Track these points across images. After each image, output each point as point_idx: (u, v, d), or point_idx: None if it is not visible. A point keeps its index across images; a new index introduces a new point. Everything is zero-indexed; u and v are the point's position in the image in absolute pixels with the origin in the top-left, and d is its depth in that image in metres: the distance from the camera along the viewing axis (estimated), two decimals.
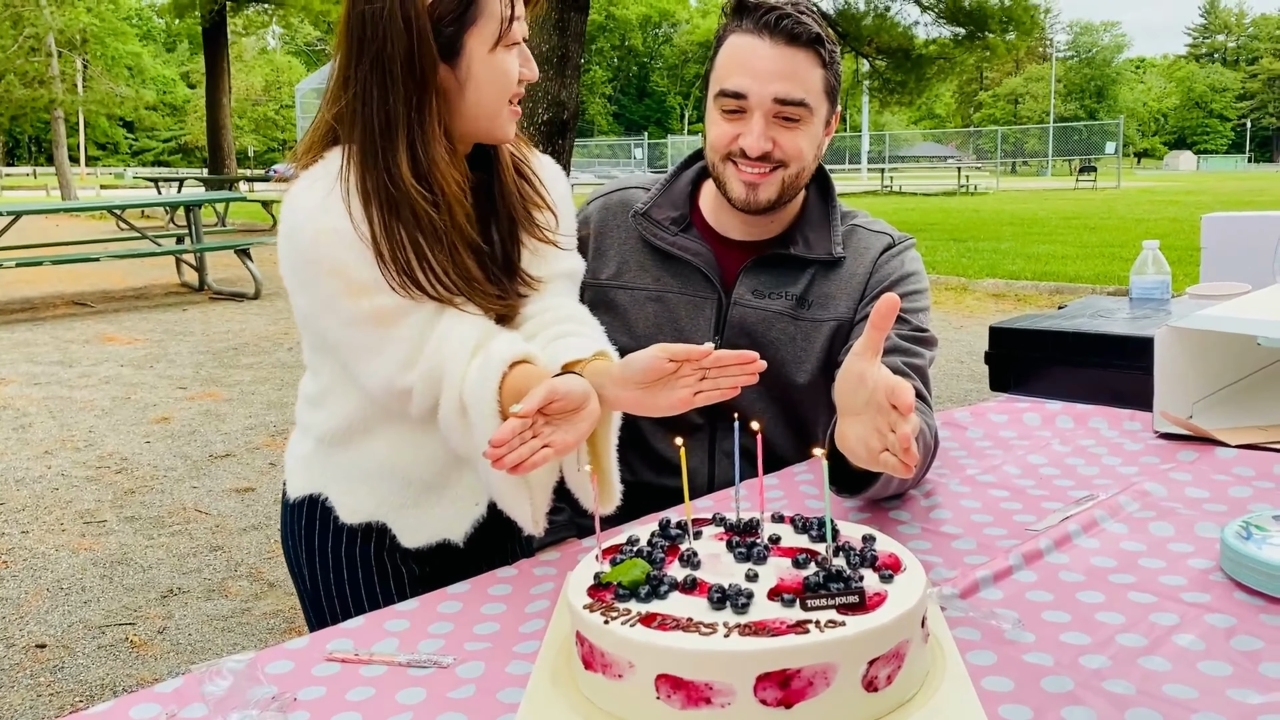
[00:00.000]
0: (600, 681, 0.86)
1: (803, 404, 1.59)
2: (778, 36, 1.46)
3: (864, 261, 1.60)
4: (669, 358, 1.11)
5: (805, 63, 1.48)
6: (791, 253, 1.58)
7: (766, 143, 1.48)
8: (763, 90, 1.47)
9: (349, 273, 1.18)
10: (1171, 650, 0.94)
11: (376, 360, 1.20)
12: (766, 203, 1.53)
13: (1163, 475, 1.41)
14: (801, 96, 1.47)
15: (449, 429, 1.20)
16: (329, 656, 1.02)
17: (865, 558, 0.92)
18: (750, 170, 1.50)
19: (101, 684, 2.67)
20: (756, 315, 1.58)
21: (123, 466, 4.51)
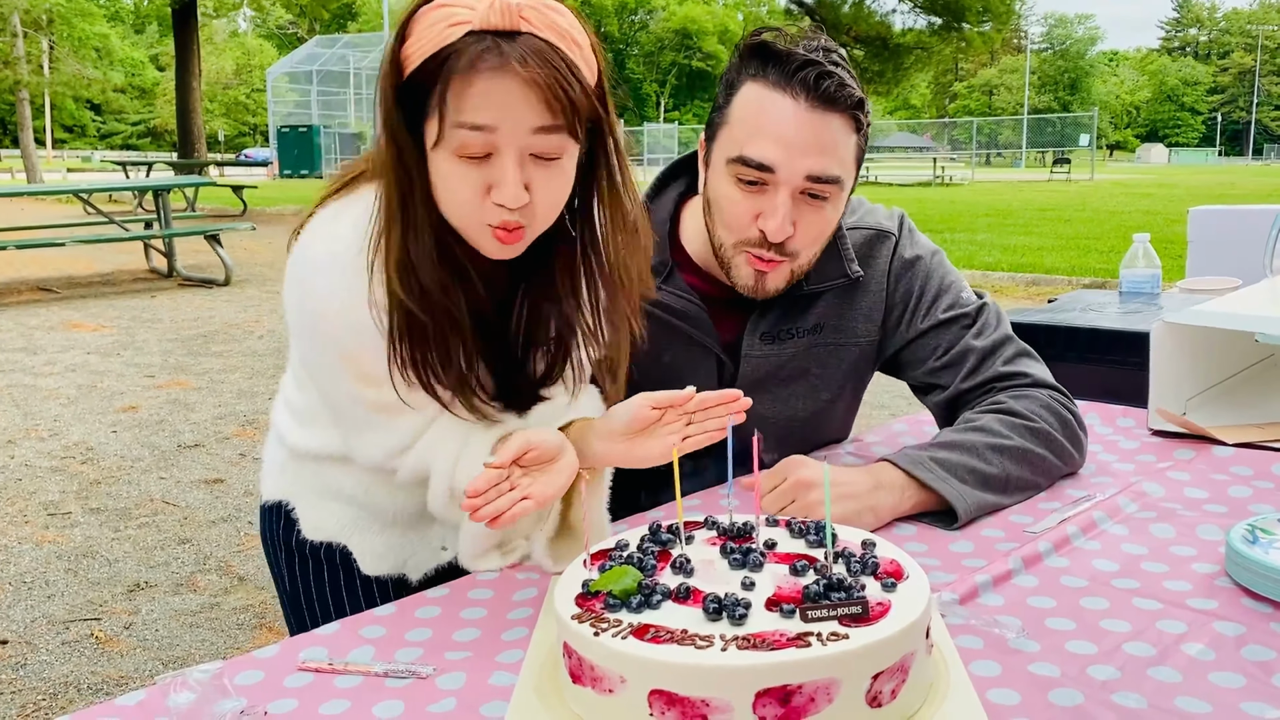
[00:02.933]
0: (590, 696, 0.81)
1: (813, 428, 1.52)
2: (814, 100, 1.26)
3: (876, 274, 1.47)
4: (652, 405, 1.07)
5: (842, 130, 1.29)
6: (805, 289, 1.43)
7: (789, 227, 1.30)
8: (794, 165, 1.27)
9: (362, 365, 1.09)
10: (1181, 660, 0.91)
11: (372, 437, 1.14)
12: (774, 292, 1.38)
13: (1160, 474, 1.38)
14: (837, 174, 1.30)
15: (441, 513, 1.16)
16: (302, 666, 0.97)
17: (866, 565, 0.88)
18: (764, 257, 1.33)
19: (65, 682, 2.60)
20: (770, 364, 1.46)
21: (88, 457, 4.42)
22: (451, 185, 1.01)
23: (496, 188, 1.00)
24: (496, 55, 0.96)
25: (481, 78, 0.96)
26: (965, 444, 1.31)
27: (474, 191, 1.00)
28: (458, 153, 0.99)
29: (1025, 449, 1.31)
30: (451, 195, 1.02)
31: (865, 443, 1.58)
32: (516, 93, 0.97)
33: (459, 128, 0.98)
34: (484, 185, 1.00)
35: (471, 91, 0.96)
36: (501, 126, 0.98)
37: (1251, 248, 2.21)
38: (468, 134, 0.98)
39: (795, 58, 1.27)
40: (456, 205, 1.02)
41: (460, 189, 1.01)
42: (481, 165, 1.00)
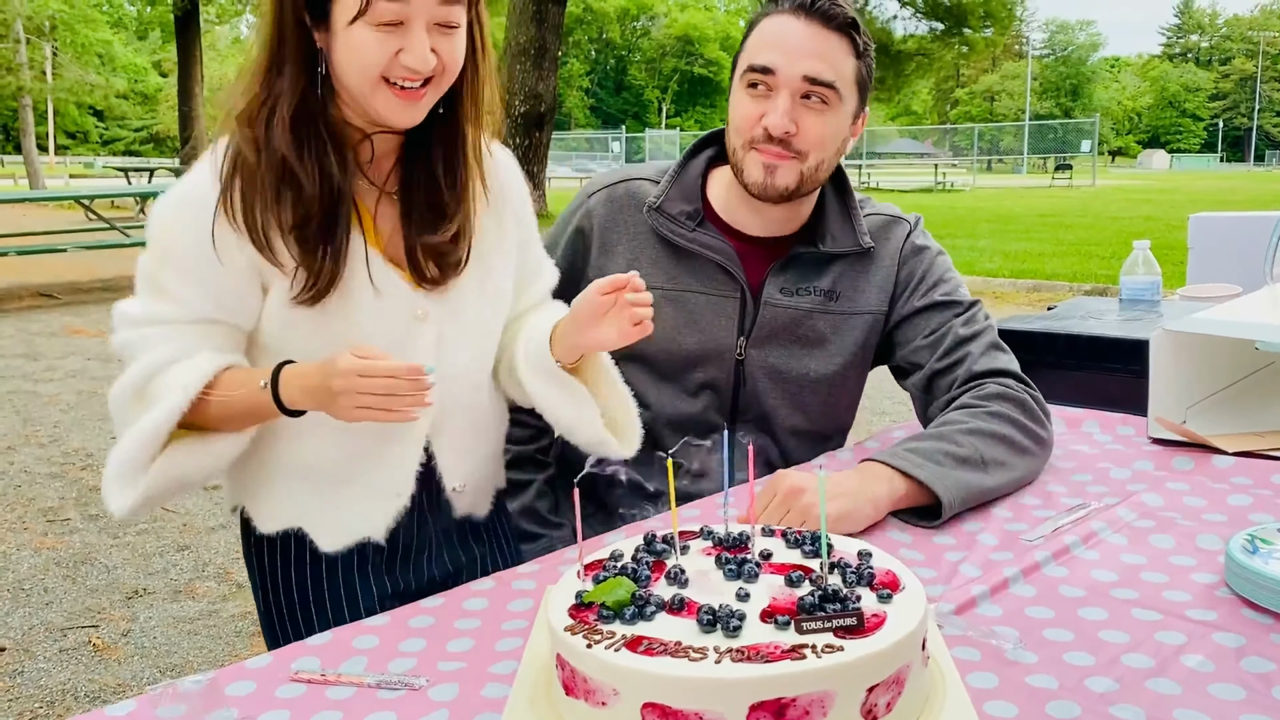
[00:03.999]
0: (582, 708, 0.80)
1: (822, 398, 1.60)
2: (813, 17, 1.45)
3: (889, 251, 1.60)
4: (601, 291, 1.21)
5: (839, 47, 1.46)
6: (820, 249, 1.57)
7: (790, 124, 1.45)
8: (792, 67, 1.44)
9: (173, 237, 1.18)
10: (1180, 672, 0.90)
11: (126, 304, 1.21)
12: (784, 189, 1.49)
13: (1159, 483, 1.37)
14: (832, 78, 1.45)
15: (116, 400, 1.19)
16: (294, 677, 0.96)
17: (862, 575, 0.87)
18: (771, 152, 1.47)
19: (63, 689, 2.59)
20: (787, 315, 1.57)
21: (88, 463, 4.41)
22: (365, 52, 1.11)
23: (406, 52, 1.12)
24: None
25: None
26: (934, 434, 1.40)
27: (385, 55, 1.12)
28: (374, 22, 1.10)
29: (990, 429, 1.40)
30: (361, 60, 1.12)
31: (866, 448, 1.57)
32: None
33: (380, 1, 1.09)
34: (394, 50, 1.12)
35: None
36: (414, 1, 1.10)
37: (1252, 255, 2.21)
38: (384, 4, 1.09)
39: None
40: (364, 69, 1.12)
41: (374, 53, 1.11)
42: (393, 32, 1.11)
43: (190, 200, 1.18)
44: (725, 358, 1.57)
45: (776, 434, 1.61)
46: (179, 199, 1.19)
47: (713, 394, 1.58)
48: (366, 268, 1.21)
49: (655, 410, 1.57)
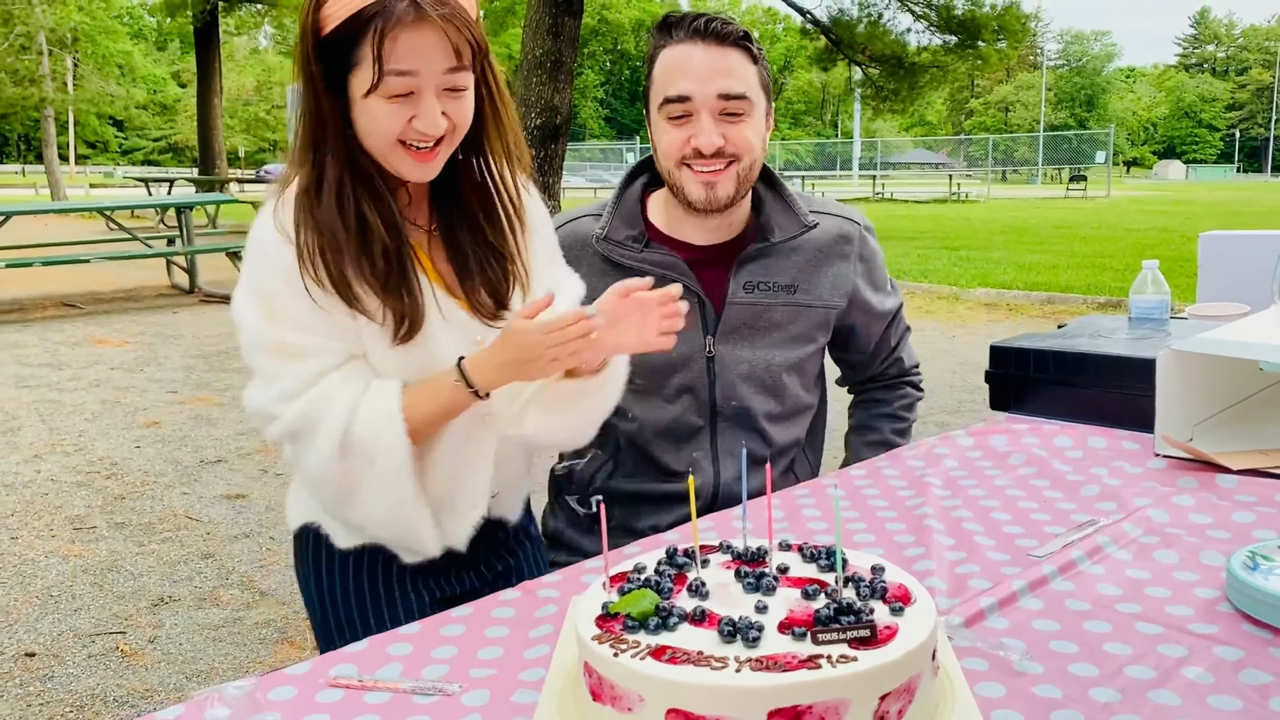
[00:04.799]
0: (609, 714, 0.85)
1: (793, 385, 1.73)
2: (709, 39, 1.56)
3: (845, 254, 1.76)
4: (619, 294, 1.28)
5: (738, 60, 1.57)
6: (772, 242, 1.68)
7: (718, 138, 1.56)
8: (705, 89, 1.55)
9: (276, 301, 1.24)
10: (1180, 684, 0.94)
11: (266, 384, 1.25)
12: (726, 199, 1.61)
13: (1165, 499, 1.41)
14: (742, 90, 1.57)
15: (322, 468, 1.24)
16: (332, 682, 1.01)
17: (875, 589, 0.91)
18: (706, 170, 1.58)
19: (92, 694, 2.65)
20: (749, 310, 1.68)
21: (113, 472, 4.48)
22: (381, 122, 1.20)
23: (419, 118, 1.20)
24: (415, 11, 1.15)
25: (405, 32, 1.16)
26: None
27: (399, 123, 1.20)
28: (387, 95, 1.18)
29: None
30: (379, 128, 1.21)
31: (850, 476, 1.60)
32: (433, 43, 1.17)
33: (390, 75, 1.17)
34: (407, 117, 1.20)
35: (398, 45, 1.16)
36: (423, 70, 1.18)
37: (1262, 273, 2.24)
38: (396, 80, 1.17)
39: (687, 18, 1.59)
40: (381, 136, 1.21)
41: (389, 123, 1.20)
42: (405, 102, 1.20)
43: (275, 265, 1.23)
44: (696, 359, 1.68)
45: (756, 423, 1.72)
46: (262, 271, 1.25)
47: (690, 396, 1.69)
48: (434, 300, 1.30)
49: (640, 420, 1.68)
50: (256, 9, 26.24)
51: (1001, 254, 13.16)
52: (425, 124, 1.20)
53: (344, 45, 1.18)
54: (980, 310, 9.02)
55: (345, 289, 1.24)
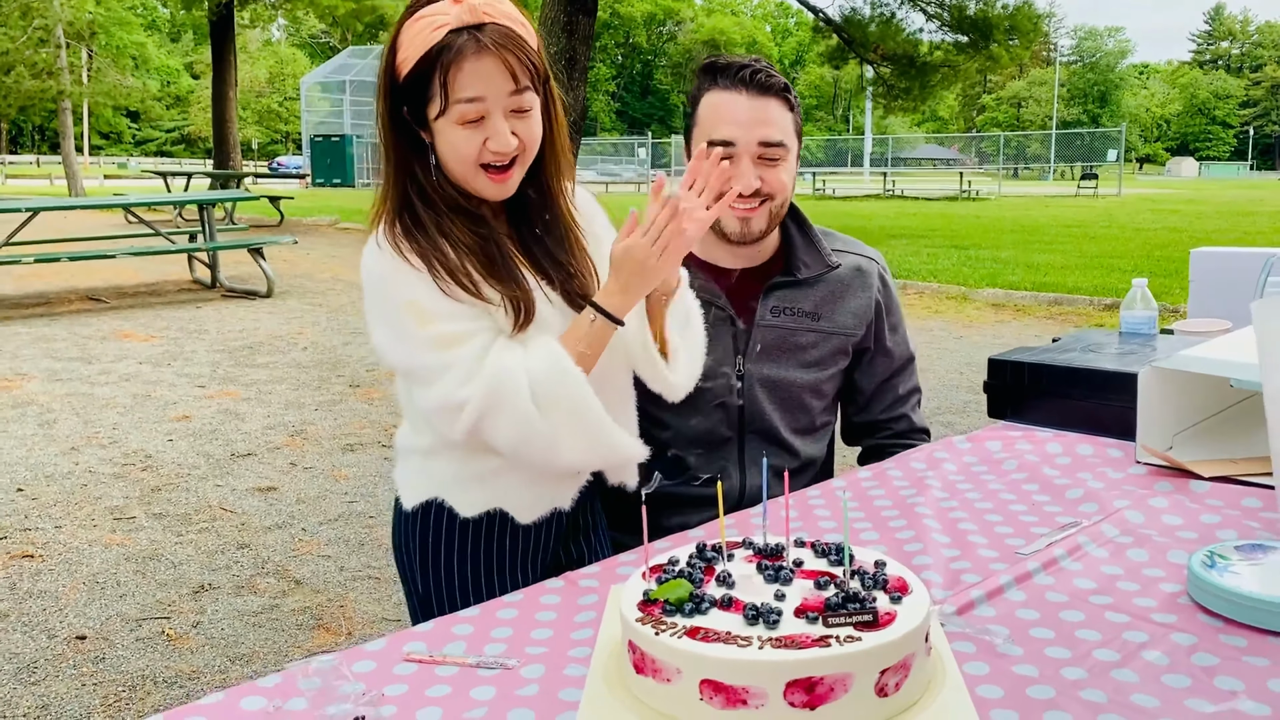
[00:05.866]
0: (650, 684, 1.00)
1: (807, 401, 1.91)
2: (753, 89, 1.72)
3: (869, 286, 1.93)
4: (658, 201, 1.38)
5: (778, 109, 1.74)
6: (798, 278, 1.87)
7: (756, 181, 1.74)
8: (748, 136, 1.72)
9: (420, 304, 1.38)
10: (1140, 664, 1.09)
11: (441, 378, 1.38)
12: (759, 233, 1.80)
13: (1142, 502, 1.56)
14: (780, 138, 1.74)
15: (525, 424, 1.37)
16: (406, 657, 1.17)
17: (878, 581, 1.07)
18: (743, 207, 1.75)
19: (142, 675, 2.82)
20: (777, 333, 1.87)
21: (148, 464, 4.66)
22: (459, 146, 1.35)
23: (491, 139, 1.35)
24: (475, 44, 1.31)
25: (469, 62, 1.31)
26: None
27: (475, 146, 1.35)
28: (458, 121, 1.33)
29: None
30: (457, 153, 1.36)
31: (858, 478, 1.75)
32: (495, 70, 1.32)
33: (459, 103, 1.32)
34: (482, 140, 1.35)
35: (462, 74, 1.32)
36: (488, 95, 1.33)
37: (1250, 289, 2.38)
38: (466, 106, 1.33)
39: (735, 65, 1.75)
40: (461, 160, 1.37)
41: (465, 147, 1.35)
42: (478, 127, 1.34)
43: (401, 284, 1.38)
44: (727, 376, 1.84)
45: (780, 436, 1.89)
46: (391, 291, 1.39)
47: (722, 410, 1.85)
48: (540, 291, 1.45)
49: (675, 430, 1.85)
50: (271, 2, 26.41)
51: (1010, 253, 13.27)
52: (498, 144, 1.35)
53: (419, 84, 1.34)
54: (988, 311, 9.15)
55: (470, 289, 1.38)
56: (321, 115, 39.75)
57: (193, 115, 63.59)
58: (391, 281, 1.39)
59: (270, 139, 66.12)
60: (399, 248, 1.39)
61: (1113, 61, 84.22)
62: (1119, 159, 37.83)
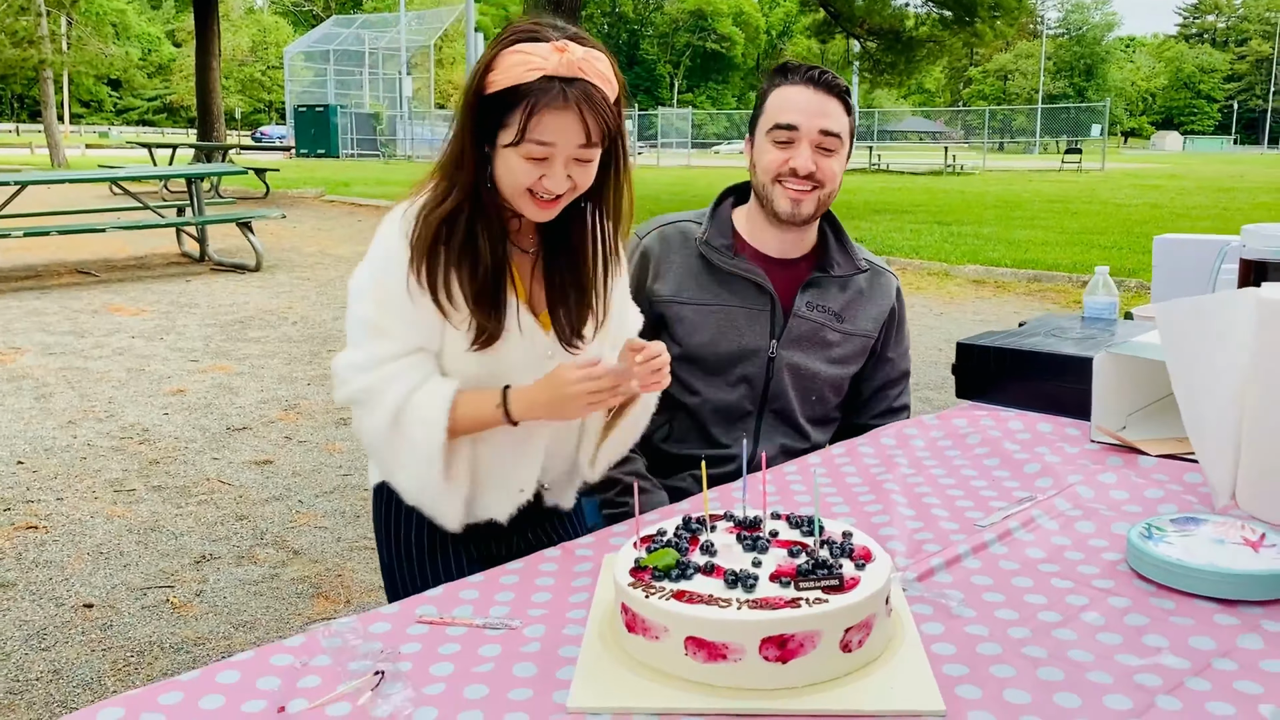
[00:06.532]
0: (641, 642, 1.13)
1: (826, 395, 2.08)
2: (820, 87, 1.93)
3: (888, 296, 2.13)
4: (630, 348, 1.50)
5: (838, 108, 1.94)
6: (831, 274, 2.05)
7: (812, 164, 1.92)
8: (810, 123, 1.91)
9: (385, 286, 1.50)
10: (1079, 625, 1.22)
11: (351, 350, 1.53)
12: (807, 215, 1.96)
13: (1093, 477, 1.69)
14: (838, 130, 1.94)
15: (375, 436, 1.52)
16: (419, 619, 1.29)
17: (844, 549, 1.19)
18: (796, 188, 1.93)
19: (149, 641, 2.93)
20: (809, 325, 2.03)
21: (145, 437, 4.75)
22: (517, 175, 1.45)
23: (547, 178, 1.45)
24: (562, 99, 1.40)
25: (551, 113, 1.40)
26: None
27: (531, 178, 1.45)
28: (525, 156, 1.43)
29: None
30: (513, 177, 1.46)
31: (831, 454, 1.88)
32: (573, 124, 1.42)
33: (531, 142, 1.42)
34: (539, 175, 1.45)
35: (543, 121, 1.41)
36: (559, 144, 1.43)
37: (1210, 275, 2.51)
38: (536, 147, 1.42)
39: (803, 67, 1.96)
40: (514, 184, 1.46)
41: (522, 176, 1.45)
42: (539, 164, 1.44)
43: (391, 258, 1.50)
44: (759, 355, 2.01)
45: (795, 420, 2.05)
46: (384, 258, 1.51)
47: (748, 386, 2.02)
48: (517, 317, 1.55)
49: (703, 397, 2.01)
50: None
51: (992, 229, 13.41)
52: (552, 184, 1.45)
53: (500, 105, 1.43)
54: (969, 287, 9.30)
55: (438, 295, 1.49)
56: (305, 85, 39.48)
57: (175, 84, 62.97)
58: (386, 257, 1.50)
59: (253, 108, 65.52)
60: (414, 232, 1.49)
61: (1099, 35, 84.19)
62: (1103, 133, 37.99)
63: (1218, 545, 1.34)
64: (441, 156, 1.52)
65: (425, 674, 1.15)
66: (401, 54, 38.09)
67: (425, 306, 1.50)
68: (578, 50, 1.40)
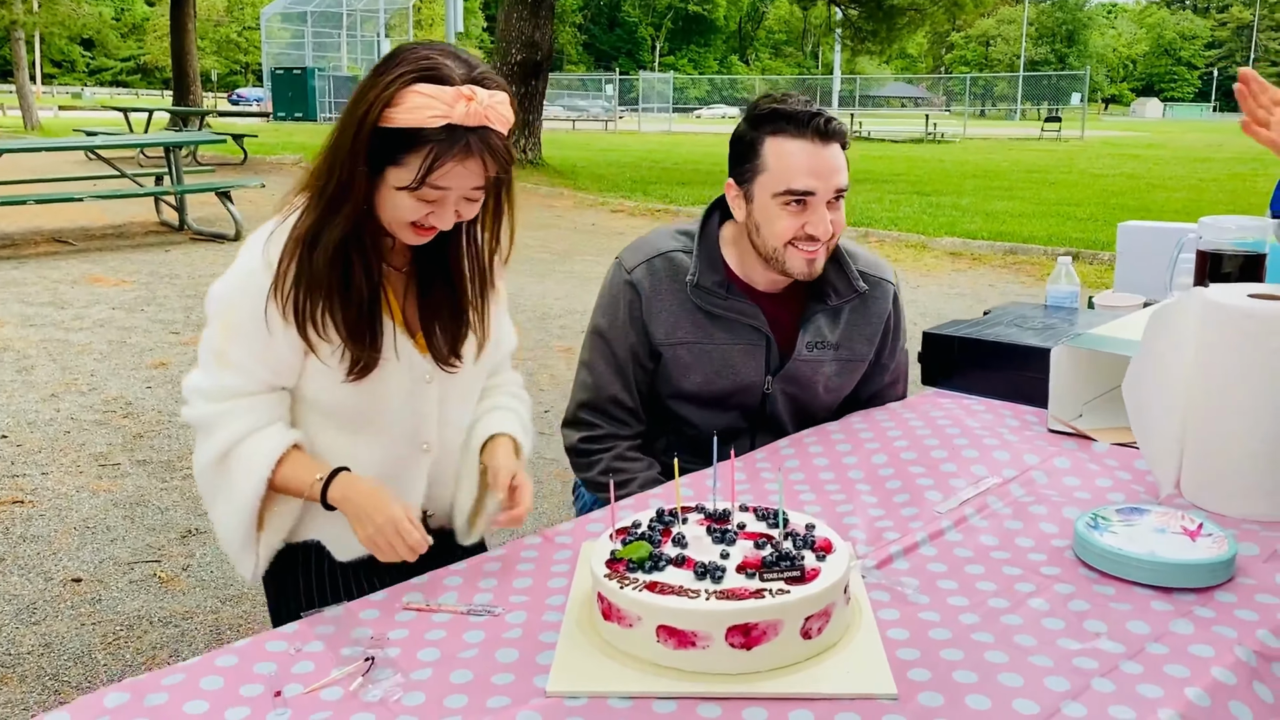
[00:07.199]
0: (615, 629, 1.20)
1: (820, 415, 2.07)
2: (827, 138, 1.80)
3: (884, 306, 2.06)
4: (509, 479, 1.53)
5: (840, 155, 1.83)
6: (829, 305, 1.98)
7: (830, 227, 1.82)
8: (826, 186, 1.80)
9: (233, 314, 1.47)
10: (1025, 611, 1.30)
11: (199, 374, 1.51)
12: (819, 270, 1.89)
13: (1049, 461, 1.77)
14: (848, 184, 1.85)
15: (203, 473, 1.52)
16: (405, 606, 1.36)
17: (807, 541, 1.27)
18: (810, 249, 1.83)
19: (138, 615, 3.00)
20: (809, 367, 1.99)
21: (128, 411, 4.79)
22: (403, 211, 1.41)
23: (434, 217, 1.42)
24: (465, 148, 1.36)
25: (455, 161, 1.36)
26: None
27: (418, 214, 1.41)
28: (419, 197, 1.39)
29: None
30: (399, 215, 1.41)
31: (803, 442, 1.95)
32: (473, 170, 1.38)
33: (429, 187, 1.38)
34: (425, 212, 1.41)
35: (445, 170, 1.37)
36: (455, 189, 1.40)
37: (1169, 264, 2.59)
38: (432, 191, 1.39)
39: (803, 114, 1.79)
40: (398, 220, 1.42)
41: (410, 214, 1.41)
42: (431, 204, 1.40)
43: (247, 284, 1.45)
44: (755, 390, 1.99)
45: (788, 433, 2.04)
46: (238, 282, 1.46)
47: (742, 412, 2.02)
48: (394, 342, 1.52)
49: (699, 427, 2.01)
50: None
51: (970, 200, 13.49)
52: (439, 221, 1.43)
53: (397, 143, 1.36)
54: (946, 260, 9.38)
55: (306, 328, 1.44)
56: (281, 46, 38.98)
57: (149, 44, 61.94)
58: (243, 278, 1.46)
59: (229, 70, 64.62)
60: (281, 260, 1.43)
61: (1081, 1, 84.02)
62: (1083, 102, 38.07)
63: (1158, 534, 1.42)
64: (315, 178, 1.45)
65: (413, 659, 1.23)
66: (380, 15, 37.65)
67: (285, 339, 1.45)
68: (484, 97, 1.36)
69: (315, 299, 1.44)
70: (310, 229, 1.44)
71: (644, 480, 1.95)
